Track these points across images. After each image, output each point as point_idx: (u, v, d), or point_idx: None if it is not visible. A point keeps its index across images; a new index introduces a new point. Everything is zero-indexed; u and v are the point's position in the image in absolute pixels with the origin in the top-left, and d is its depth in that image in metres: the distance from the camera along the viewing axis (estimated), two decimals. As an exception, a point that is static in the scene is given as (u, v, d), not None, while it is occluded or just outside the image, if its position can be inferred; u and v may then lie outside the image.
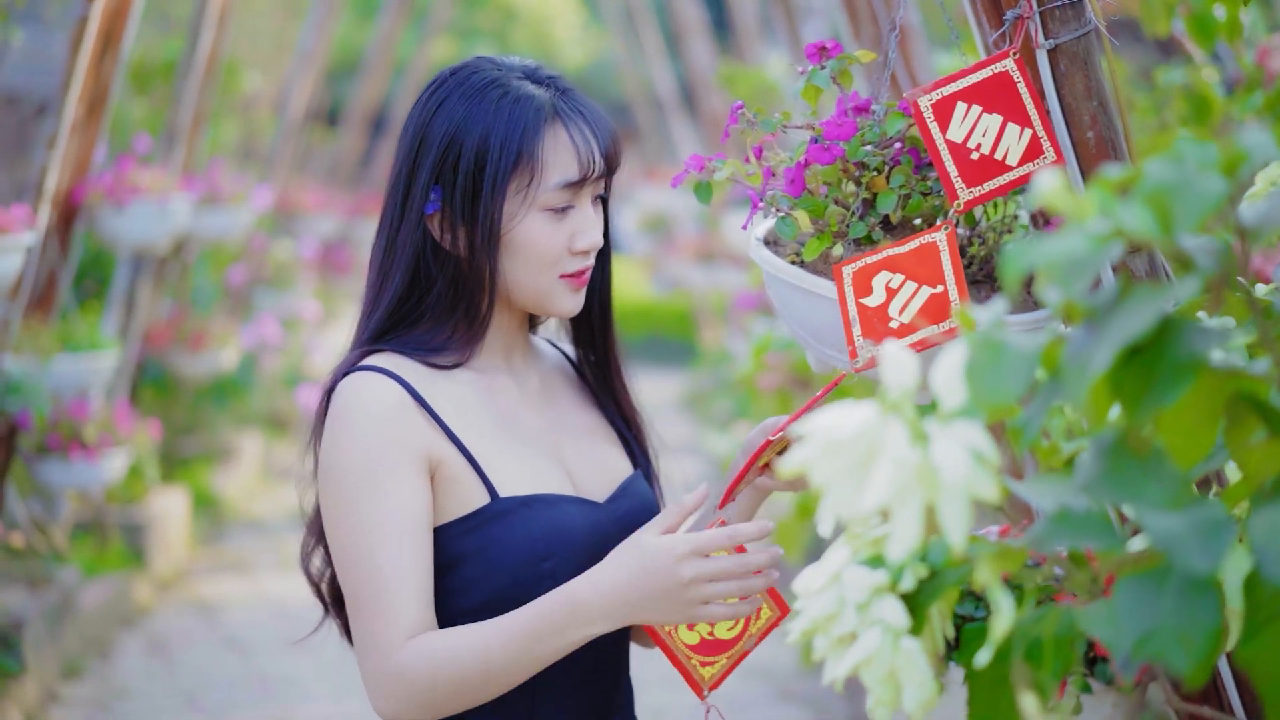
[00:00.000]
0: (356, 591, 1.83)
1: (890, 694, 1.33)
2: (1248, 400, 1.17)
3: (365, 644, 1.82)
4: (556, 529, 1.88)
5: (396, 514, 1.82)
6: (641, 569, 1.77)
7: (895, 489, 1.11)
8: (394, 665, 1.80)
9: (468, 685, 1.80)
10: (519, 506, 1.87)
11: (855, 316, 1.78)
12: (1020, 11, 1.91)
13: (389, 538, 1.81)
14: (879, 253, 1.84)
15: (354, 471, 1.82)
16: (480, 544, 1.86)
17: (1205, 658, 1.07)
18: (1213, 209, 1.05)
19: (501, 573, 1.86)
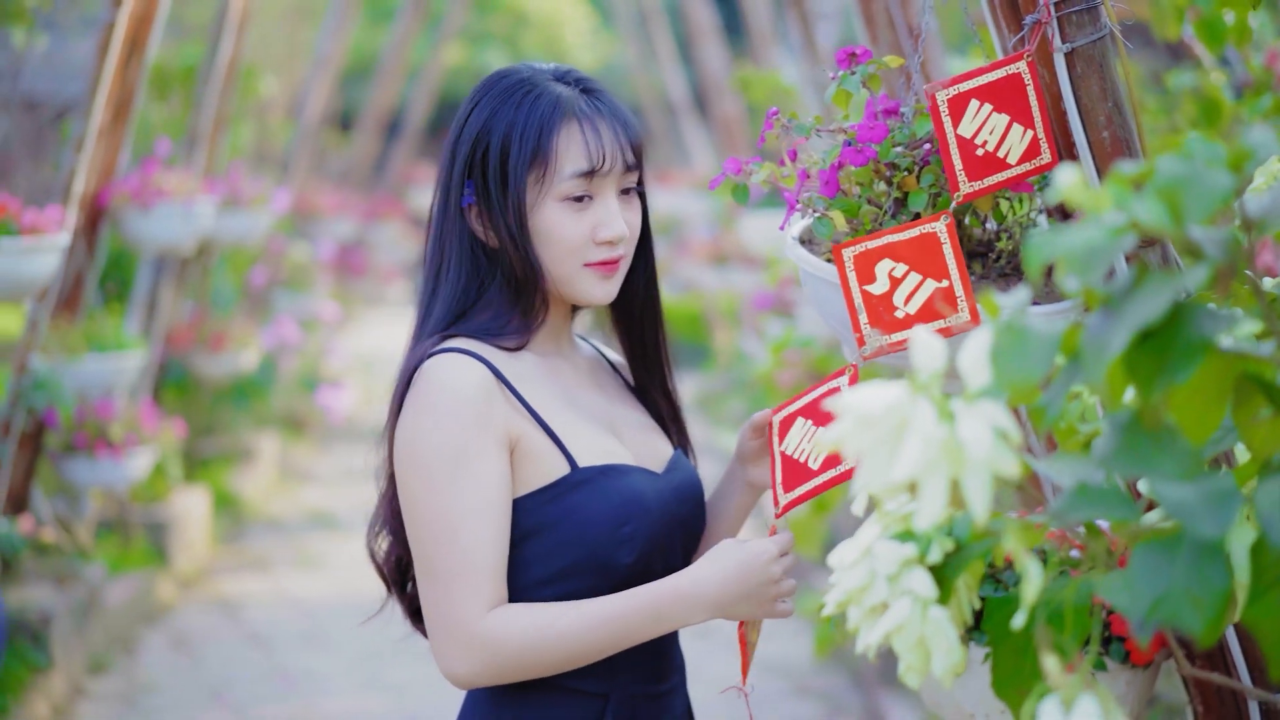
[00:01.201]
0: (437, 564, 1.92)
1: (920, 660, 1.41)
2: (1254, 381, 1.26)
3: (445, 614, 1.92)
4: (633, 496, 2.00)
5: (482, 491, 1.92)
6: (740, 566, 1.93)
7: (923, 462, 1.20)
8: (477, 634, 1.90)
9: (558, 658, 1.92)
10: (597, 476, 1.99)
11: (861, 304, 1.87)
12: (1038, 16, 2.00)
13: (475, 514, 1.91)
14: (879, 237, 1.92)
15: (443, 450, 1.92)
16: (562, 512, 1.97)
17: (1216, 618, 1.15)
18: (1221, 202, 1.14)
19: (583, 539, 1.97)
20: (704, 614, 1.94)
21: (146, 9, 5.60)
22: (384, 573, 2.16)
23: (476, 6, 20.48)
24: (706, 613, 1.94)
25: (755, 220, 6.12)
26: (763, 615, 1.97)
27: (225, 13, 7.01)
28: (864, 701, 5.70)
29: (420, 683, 5.90)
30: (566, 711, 2.01)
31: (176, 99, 7.97)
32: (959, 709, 2.15)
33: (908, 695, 5.44)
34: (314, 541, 8.17)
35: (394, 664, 6.15)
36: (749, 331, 8.06)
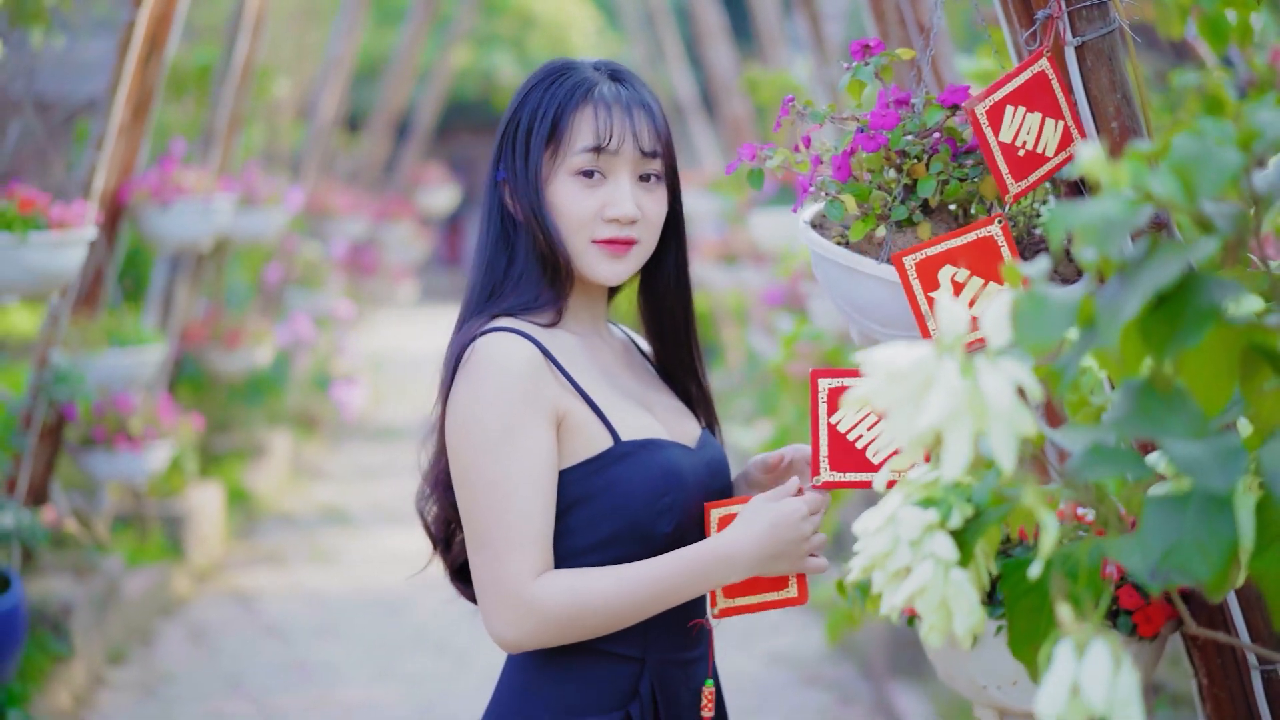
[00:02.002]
0: (488, 532, 2.01)
1: (942, 620, 1.49)
2: (1261, 351, 1.33)
3: (495, 579, 2.01)
4: (672, 468, 2.09)
5: (531, 463, 2.01)
6: (773, 526, 2.05)
7: (948, 413, 1.27)
8: (527, 598, 1.99)
9: (601, 620, 2.02)
10: (639, 449, 2.08)
11: (928, 311, 1.94)
12: (1050, 11, 2.08)
13: (525, 484, 2.00)
14: (937, 244, 2.00)
15: (494, 423, 2.01)
16: (606, 483, 2.06)
17: (1223, 567, 1.23)
18: (1231, 178, 1.21)
19: (626, 508, 2.06)
20: (742, 573, 2.05)
21: (166, 9, 5.68)
22: (430, 530, 2.24)
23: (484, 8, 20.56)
24: (744, 572, 2.05)
25: (766, 216, 6.19)
26: (796, 571, 2.09)
27: (241, 14, 7.10)
28: (873, 691, 5.78)
29: (433, 673, 5.98)
30: (605, 674, 2.10)
31: (190, 99, 8.05)
32: (972, 681, 2.23)
33: (916, 685, 5.52)
34: (327, 537, 8.25)
35: (408, 655, 6.23)
36: (758, 328, 8.13)
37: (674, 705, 2.13)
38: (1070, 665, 1.24)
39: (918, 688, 5.51)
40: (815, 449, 2.11)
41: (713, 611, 2.18)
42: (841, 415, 2.11)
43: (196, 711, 5.57)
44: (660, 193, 2.18)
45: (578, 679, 2.10)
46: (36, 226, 4.36)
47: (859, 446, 2.10)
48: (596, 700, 2.09)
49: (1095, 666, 1.23)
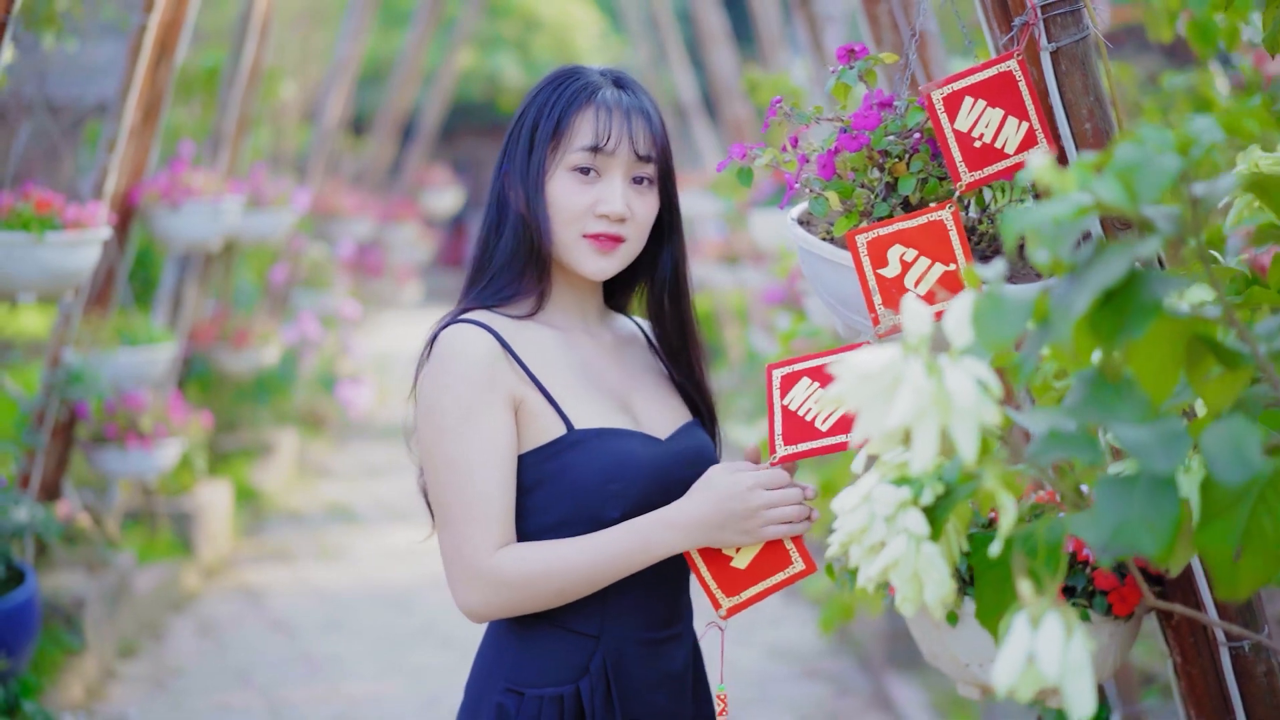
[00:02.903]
0: (451, 508, 2.16)
1: (914, 591, 1.59)
2: (1204, 341, 1.43)
3: (459, 551, 2.16)
4: (622, 457, 2.21)
5: (489, 443, 2.16)
6: (718, 495, 2.15)
7: (915, 410, 1.37)
8: (487, 569, 2.14)
9: (556, 586, 2.14)
10: (591, 437, 2.20)
11: (875, 286, 2.05)
12: (1026, 18, 2.18)
13: (482, 463, 2.15)
14: (889, 225, 2.11)
15: (453, 408, 2.16)
16: (558, 469, 2.19)
17: (1169, 542, 1.33)
18: (1170, 182, 1.32)
19: (575, 493, 2.18)
20: (685, 540, 2.15)
21: (176, 14, 5.79)
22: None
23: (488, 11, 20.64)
24: (687, 539, 2.15)
25: (765, 217, 6.30)
26: (748, 542, 2.17)
27: (248, 17, 7.20)
28: (871, 683, 5.88)
29: (438, 666, 6.09)
30: (560, 648, 2.22)
31: (198, 102, 8.16)
32: (954, 659, 2.33)
33: (913, 677, 5.62)
34: (334, 534, 8.36)
35: (414, 649, 6.33)
36: (758, 327, 8.23)
37: (629, 684, 2.23)
38: (1025, 636, 1.34)
39: (914, 679, 5.62)
40: (770, 430, 2.21)
41: (719, 613, 2.25)
42: (792, 396, 2.22)
43: (205, 704, 5.67)
44: (651, 196, 2.30)
45: (535, 652, 2.22)
46: (52, 226, 4.47)
47: (808, 419, 2.20)
48: (549, 673, 2.21)
49: (1049, 637, 1.33)
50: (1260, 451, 1.32)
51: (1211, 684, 2.34)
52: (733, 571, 2.22)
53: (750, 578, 2.26)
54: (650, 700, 2.26)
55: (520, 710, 2.21)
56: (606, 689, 2.22)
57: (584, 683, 2.21)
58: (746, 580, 2.26)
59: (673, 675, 2.29)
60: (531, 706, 2.20)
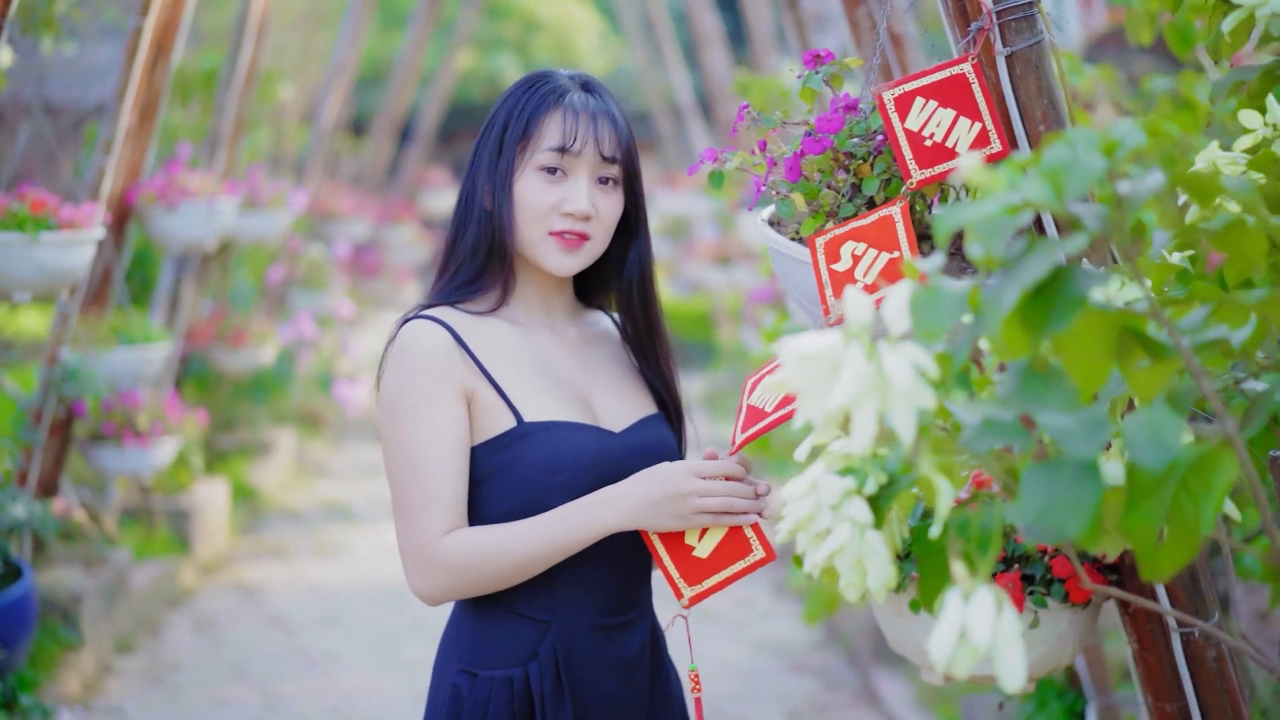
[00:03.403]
0: (405, 494, 2.25)
1: (858, 577, 1.66)
2: (1133, 334, 1.50)
3: (409, 538, 2.25)
4: (570, 448, 2.29)
5: (440, 433, 2.25)
6: (651, 479, 2.24)
7: (855, 393, 1.44)
8: (436, 552, 2.23)
9: (501, 566, 2.23)
10: (539, 430, 2.29)
11: (827, 280, 2.13)
12: (982, 24, 2.25)
13: (433, 452, 2.24)
14: (845, 225, 2.19)
15: (408, 400, 2.26)
16: (507, 460, 2.28)
17: (1091, 524, 1.40)
18: (1094, 181, 1.38)
19: (524, 484, 2.27)
20: (619, 518, 2.23)
21: (171, 16, 5.86)
22: None
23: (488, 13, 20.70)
24: (621, 518, 2.23)
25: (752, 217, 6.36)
26: (680, 526, 2.23)
27: (245, 19, 7.27)
28: (858, 678, 5.94)
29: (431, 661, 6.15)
30: (511, 632, 2.31)
31: (197, 103, 8.23)
32: (918, 646, 2.40)
33: (900, 671, 5.69)
34: (331, 532, 8.43)
35: (409, 644, 6.40)
36: (750, 326, 8.30)
37: (580, 669, 2.31)
38: (957, 611, 1.41)
39: (900, 674, 5.69)
40: (735, 427, 2.29)
41: (681, 603, 2.31)
42: (755, 396, 2.30)
43: (201, 698, 5.75)
44: (616, 196, 2.38)
45: (488, 635, 2.31)
46: (47, 227, 4.54)
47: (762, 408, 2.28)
48: (500, 656, 2.31)
49: (979, 611, 1.40)
50: (1179, 438, 1.38)
51: (1167, 669, 2.41)
52: (694, 561, 2.29)
53: (711, 566, 2.32)
54: (601, 685, 2.33)
55: (472, 691, 2.30)
56: (556, 673, 2.30)
57: (533, 666, 2.30)
58: (708, 569, 2.32)
59: (626, 661, 2.36)
60: (483, 687, 2.30)
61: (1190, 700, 2.36)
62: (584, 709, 2.32)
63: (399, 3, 18.31)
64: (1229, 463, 1.43)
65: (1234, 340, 1.58)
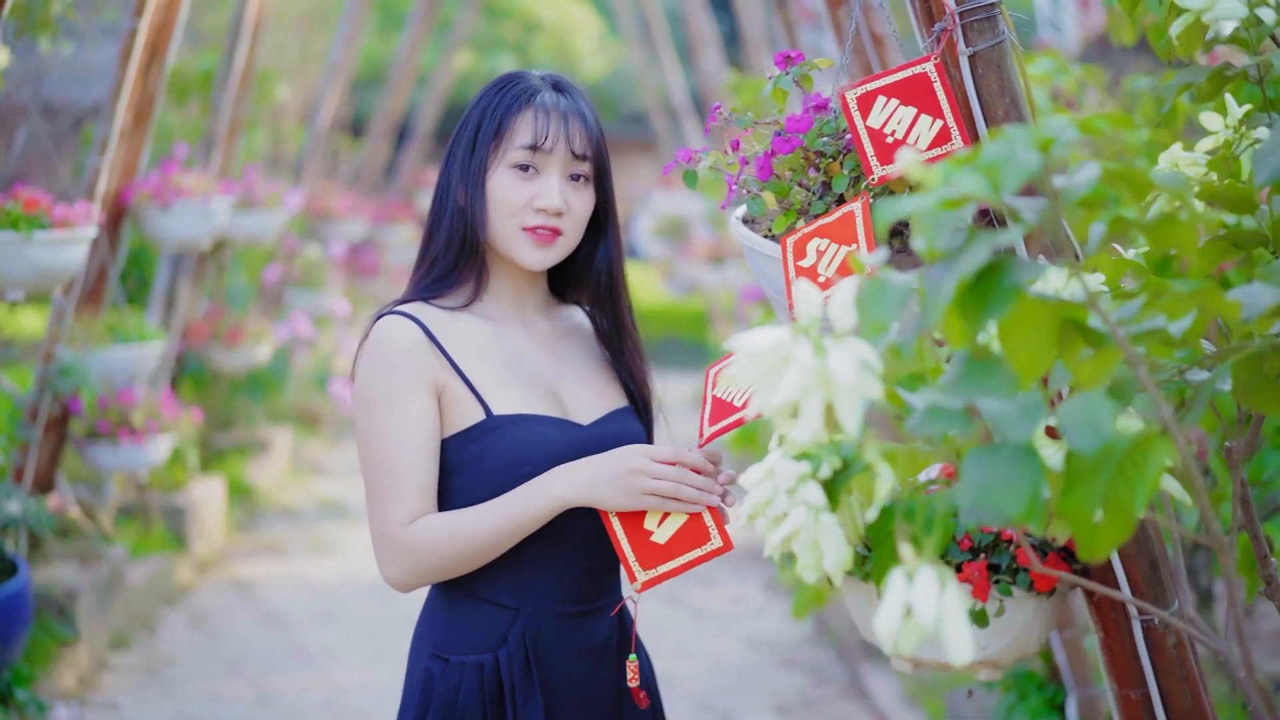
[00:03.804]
0: (375, 485, 2.32)
1: (814, 559, 1.71)
2: (1073, 324, 1.55)
3: (378, 526, 2.32)
4: (536, 441, 2.35)
5: (409, 425, 2.31)
6: (606, 456, 2.31)
7: (801, 388, 1.50)
8: (402, 539, 2.29)
9: (463, 549, 2.29)
10: (507, 423, 2.35)
11: (794, 277, 2.18)
12: (945, 24, 2.30)
13: (402, 443, 2.31)
14: (812, 224, 2.24)
15: (379, 393, 2.32)
16: (476, 453, 2.35)
17: (1028, 505, 1.45)
18: (1029, 176, 1.44)
19: (491, 475, 2.34)
20: (570, 490, 2.28)
21: (166, 17, 5.92)
22: None
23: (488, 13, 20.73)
24: (569, 489, 2.28)
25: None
26: (628, 503, 2.27)
27: (240, 20, 7.32)
28: (847, 673, 6.00)
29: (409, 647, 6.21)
30: (481, 619, 2.38)
31: (194, 104, 8.29)
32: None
33: (887, 667, 5.74)
34: (326, 529, 8.49)
35: (402, 638, 6.45)
36: (743, 325, 8.36)
37: (548, 654, 2.38)
38: (902, 589, 1.47)
39: (889, 669, 5.74)
40: (700, 419, 2.34)
41: (634, 586, 2.37)
42: (722, 387, 2.35)
43: (195, 693, 5.80)
44: (587, 192, 2.44)
45: (459, 622, 2.38)
46: (40, 225, 4.60)
47: (728, 400, 2.34)
48: (470, 642, 2.37)
49: (923, 589, 1.46)
50: (1111, 423, 1.44)
51: (1130, 657, 2.47)
52: (652, 546, 2.34)
53: (668, 553, 2.36)
54: (568, 671, 2.40)
55: (444, 675, 2.37)
56: (525, 658, 2.36)
57: (502, 652, 2.36)
58: (664, 555, 2.36)
59: (592, 648, 2.43)
60: (454, 672, 2.36)
61: (1151, 686, 2.42)
62: (552, 694, 2.38)
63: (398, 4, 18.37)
64: (1161, 449, 1.48)
65: (1173, 331, 1.63)
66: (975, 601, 2.51)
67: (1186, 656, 2.40)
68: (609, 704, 2.44)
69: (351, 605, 7.01)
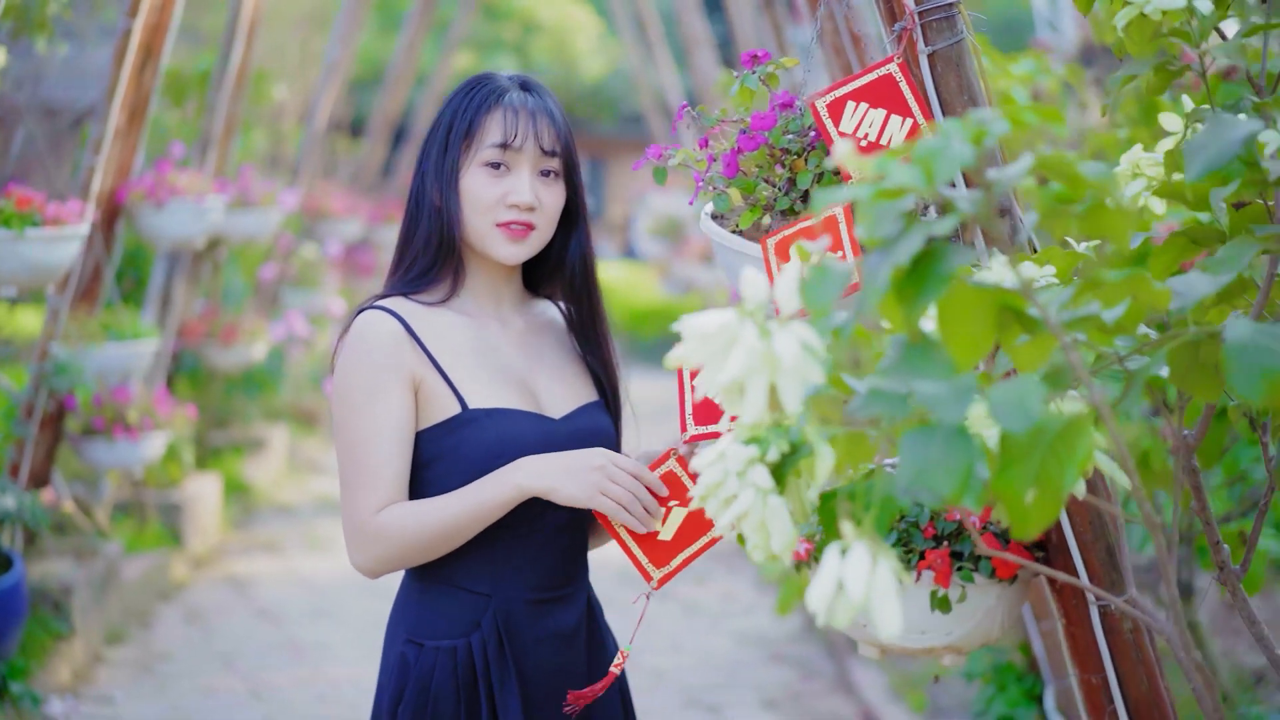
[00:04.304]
0: (350, 473, 2.38)
1: (762, 539, 1.77)
2: (1011, 311, 1.61)
3: (349, 514, 2.38)
4: (511, 434, 2.42)
5: (385, 418, 2.37)
6: (571, 453, 2.37)
7: (746, 368, 1.56)
8: (372, 526, 2.36)
9: (428, 535, 2.35)
10: (483, 416, 2.42)
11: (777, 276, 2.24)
12: (905, 24, 2.36)
13: (377, 435, 2.36)
14: (794, 225, 2.29)
15: (358, 385, 2.38)
16: (452, 445, 2.41)
17: (962, 484, 1.50)
18: (962, 167, 1.49)
19: (466, 467, 2.40)
20: (526, 477, 2.34)
21: (160, 19, 5.98)
22: None
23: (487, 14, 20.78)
24: (529, 477, 2.34)
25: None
26: (582, 498, 2.33)
27: (235, 21, 7.38)
28: (835, 668, 6.05)
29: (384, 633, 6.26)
30: (455, 605, 2.44)
31: (192, 104, 8.35)
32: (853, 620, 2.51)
33: (874, 662, 5.80)
34: (322, 526, 8.54)
35: (394, 635, 6.51)
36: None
37: (519, 639, 2.45)
38: (835, 565, 1.52)
39: (875, 664, 5.80)
40: (680, 414, 2.40)
41: (650, 585, 2.43)
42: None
43: (190, 687, 5.86)
44: (558, 187, 2.50)
45: (433, 608, 2.44)
46: (33, 223, 4.66)
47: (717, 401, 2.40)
48: (445, 628, 2.44)
49: (855, 565, 1.51)
50: (1040, 405, 1.49)
51: (1090, 642, 2.52)
52: (659, 544, 2.42)
53: (676, 546, 2.44)
54: (539, 655, 2.46)
55: (419, 660, 2.43)
56: (499, 643, 2.43)
57: (475, 637, 2.43)
58: (673, 549, 2.44)
59: (562, 633, 2.49)
60: (429, 657, 2.43)
61: (1108, 668, 2.47)
62: (524, 677, 2.45)
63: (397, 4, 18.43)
64: (1089, 431, 1.54)
65: (1107, 318, 1.69)
66: (939, 588, 2.57)
67: (1142, 641, 2.45)
68: (579, 688, 2.50)
69: (345, 601, 7.06)
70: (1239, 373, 1.63)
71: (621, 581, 6.96)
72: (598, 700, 2.52)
